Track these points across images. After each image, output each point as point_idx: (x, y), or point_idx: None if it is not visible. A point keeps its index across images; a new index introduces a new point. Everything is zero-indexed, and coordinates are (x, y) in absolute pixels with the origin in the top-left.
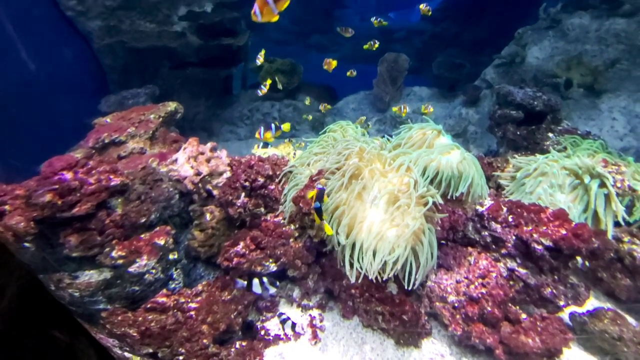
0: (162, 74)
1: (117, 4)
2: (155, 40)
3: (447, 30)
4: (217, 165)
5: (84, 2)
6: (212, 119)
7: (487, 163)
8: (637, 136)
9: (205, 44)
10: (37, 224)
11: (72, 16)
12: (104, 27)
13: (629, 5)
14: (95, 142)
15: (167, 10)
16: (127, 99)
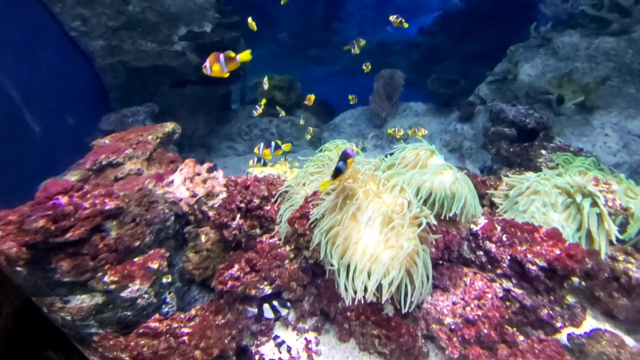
0: (162, 91)
1: (120, 24)
2: (156, 60)
3: (443, 43)
4: (213, 186)
5: (87, 22)
6: (211, 135)
7: (481, 181)
8: (630, 152)
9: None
10: (29, 249)
11: (75, 36)
12: (106, 46)
13: (616, 25)
14: (92, 164)
15: (168, 30)
16: (127, 117)
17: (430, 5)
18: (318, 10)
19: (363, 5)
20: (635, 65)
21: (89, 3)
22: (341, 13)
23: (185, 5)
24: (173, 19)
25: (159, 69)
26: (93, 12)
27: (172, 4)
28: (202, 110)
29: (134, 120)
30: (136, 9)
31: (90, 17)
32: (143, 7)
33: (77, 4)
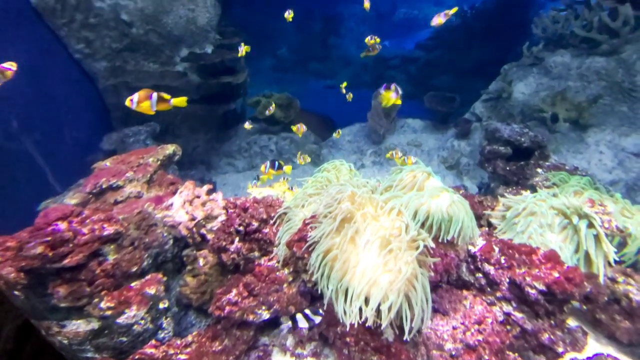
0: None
1: (123, 46)
2: (158, 80)
3: (440, 58)
4: (212, 208)
5: (92, 45)
6: (211, 152)
7: (478, 201)
8: (625, 169)
9: (205, 82)
10: (27, 274)
11: (80, 58)
12: (109, 67)
13: (606, 45)
14: (93, 188)
15: (170, 51)
16: (128, 136)
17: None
18: (317, 26)
19: (361, 21)
20: (626, 85)
21: (93, 26)
22: (340, 28)
23: (187, 28)
24: (175, 41)
25: (160, 88)
26: (97, 35)
27: (174, 27)
28: (203, 128)
29: (135, 140)
30: (139, 32)
31: (94, 40)
32: (146, 29)
33: (82, 27)
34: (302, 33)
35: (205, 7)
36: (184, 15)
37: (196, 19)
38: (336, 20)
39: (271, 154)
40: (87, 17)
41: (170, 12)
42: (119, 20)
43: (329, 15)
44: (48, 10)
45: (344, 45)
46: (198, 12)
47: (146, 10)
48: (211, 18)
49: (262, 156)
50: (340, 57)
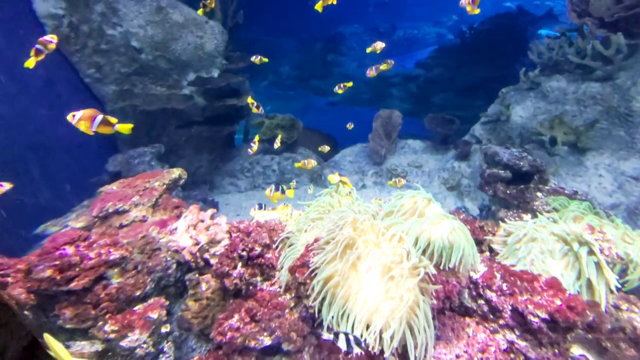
0: (168, 132)
1: (132, 71)
2: (165, 103)
3: (439, 76)
4: (216, 232)
5: (102, 70)
6: (214, 172)
7: (479, 227)
8: (626, 193)
9: (210, 104)
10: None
11: (89, 82)
12: (118, 91)
13: (600, 72)
14: (99, 212)
15: (177, 76)
16: (133, 157)
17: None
18: (318, 45)
19: (362, 41)
20: (622, 110)
21: (104, 52)
22: (341, 47)
23: (195, 54)
24: (183, 65)
25: (166, 111)
26: (108, 60)
27: (182, 53)
28: (206, 149)
29: (140, 161)
30: (148, 57)
31: (104, 65)
32: (155, 55)
33: (93, 53)
34: (304, 51)
35: (213, 34)
36: (192, 42)
37: (204, 45)
38: (337, 39)
39: (274, 174)
40: (99, 43)
41: (179, 39)
42: (129, 47)
43: (331, 34)
44: (62, 37)
45: (345, 63)
46: (206, 38)
47: (156, 38)
48: (218, 44)
49: (264, 176)
50: (341, 75)
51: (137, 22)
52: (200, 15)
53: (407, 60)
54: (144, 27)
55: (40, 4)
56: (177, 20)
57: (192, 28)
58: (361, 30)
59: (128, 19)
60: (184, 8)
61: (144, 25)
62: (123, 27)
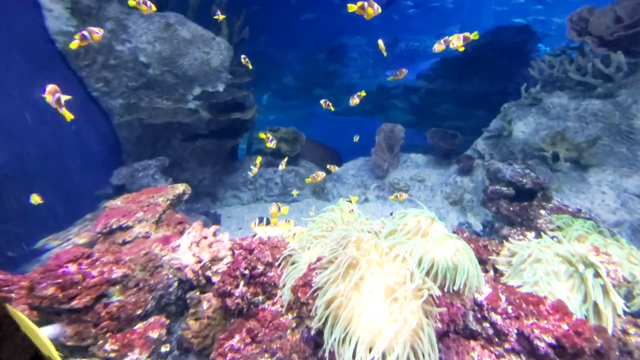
0: (173, 145)
1: (139, 85)
2: (171, 117)
3: (441, 88)
4: (219, 250)
5: (110, 84)
6: (217, 185)
7: (483, 245)
8: (630, 210)
9: (215, 118)
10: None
11: (97, 96)
12: (125, 104)
13: (601, 89)
14: (103, 227)
15: (184, 90)
16: (137, 171)
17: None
18: (321, 56)
19: (364, 52)
20: (624, 127)
21: (113, 67)
22: (344, 58)
23: (201, 69)
24: (189, 80)
25: (171, 124)
26: (116, 75)
27: (189, 68)
28: (210, 161)
29: (144, 175)
30: (156, 72)
31: (112, 79)
32: (162, 70)
33: (102, 68)
34: (307, 63)
35: (219, 50)
36: (199, 58)
37: (210, 60)
38: (340, 50)
39: (276, 186)
40: (108, 59)
41: (186, 55)
42: (137, 62)
43: (333, 46)
44: (72, 53)
45: (347, 74)
46: (212, 54)
47: (163, 53)
48: (224, 60)
49: (267, 189)
50: (343, 85)
51: (145, 38)
52: (207, 32)
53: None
54: (152, 43)
55: (53, 21)
56: (185, 37)
57: (199, 44)
58: (363, 42)
59: (137, 35)
60: (191, 25)
61: (152, 42)
62: (132, 43)
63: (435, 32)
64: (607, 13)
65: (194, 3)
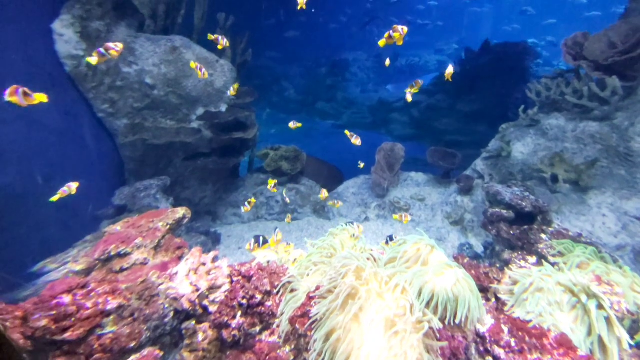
0: (175, 163)
1: (144, 105)
2: (174, 137)
3: (441, 102)
4: (217, 277)
5: (115, 105)
6: (218, 203)
7: (484, 273)
8: (631, 234)
9: (217, 137)
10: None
11: (103, 117)
12: (130, 124)
13: (598, 112)
14: (101, 254)
15: (187, 110)
16: (139, 191)
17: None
18: (323, 71)
19: (365, 67)
20: (622, 149)
21: (119, 89)
22: (345, 73)
23: (205, 90)
24: (193, 101)
25: (174, 143)
26: (122, 96)
27: (193, 89)
28: (211, 179)
29: (146, 195)
30: (160, 93)
31: (118, 100)
32: (167, 92)
33: (109, 89)
34: (309, 77)
35: (223, 72)
36: (202, 79)
37: (214, 82)
38: (342, 65)
39: (277, 205)
40: (115, 80)
41: (190, 77)
42: (143, 84)
43: (335, 60)
44: (80, 76)
45: (349, 88)
46: (216, 76)
47: (168, 75)
48: (227, 81)
49: (268, 207)
50: (345, 99)
51: (152, 61)
52: (211, 55)
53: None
54: (158, 66)
55: (63, 45)
56: (189, 59)
57: (204, 66)
58: (364, 57)
59: (144, 58)
60: (196, 48)
61: (158, 64)
62: (138, 66)
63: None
64: (601, 38)
65: (199, 26)
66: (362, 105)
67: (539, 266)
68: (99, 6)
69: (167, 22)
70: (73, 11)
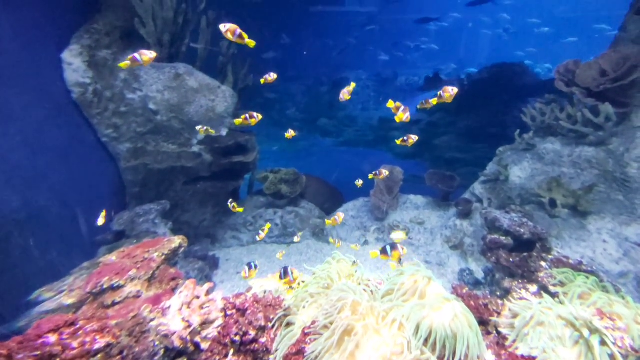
0: (175, 187)
1: (147, 130)
2: (175, 161)
3: (441, 120)
4: (210, 311)
5: (119, 130)
6: (217, 226)
7: (483, 304)
8: (633, 261)
9: (217, 161)
10: None
11: (106, 141)
12: (132, 149)
13: (593, 137)
14: (94, 287)
15: (188, 134)
16: (139, 216)
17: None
18: (324, 89)
19: (365, 86)
20: (618, 175)
21: (123, 114)
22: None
23: (206, 115)
24: (194, 125)
25: (175, 169)
26: (125, 121)
27: (195, 115)
28: (211, 202)
29: (145, 220)
30: (163, 118)
31: (122, 125)
32: (169, 117)
33: (113, 115)
34: (310, 95)
35: (224, 98)
36: (204, 105)
37: (215, 107)
38: (342, 84)
39: (276, 227)
40: (119, 106)
41: (193, 103)
42: (147, 109)
43: (336, 79)
44: (86, 102)
45: (349, 106)
46: (218, 102)
47: (172, 101)
48: (228, 107)
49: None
50: (346, 117)
51: (155, 87)
52: (213, 81)
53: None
54: (161, 92)
55: (71, 73)
56: (192, 86)
57: (206, 92)
58: (365, 76)
59: (148, 84)
60: (199, 75)
61: (162, 90)
62: (143, 92)
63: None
64: (592, 66)
65: (202, 54)
66: (363, 123)
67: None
68: (107, 35)
69: (172, 50)
70: (82, 41)
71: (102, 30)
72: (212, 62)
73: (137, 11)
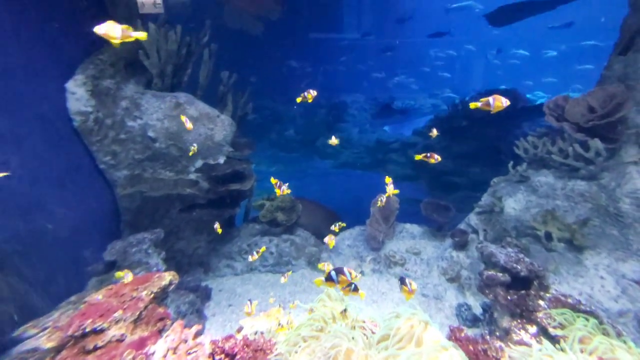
0: (171, 214)
1: (145, 157)
2: (171, 189)
3: (436, 144)
4: (197, 357)
5: (117, 157)
6: (211, 254)
7: (482, 350)
8: (631, 299)
9: (214, 188)
10: None
11: (104, 168)
12: (129, 175)
13: (584, 171)
14: (75, 330)
15: (186, 162)
16: (132, 245)
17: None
18: (322, 112)
19: (362, 109)
20: (612, 209)
21: (122, 141)
22: (343, 115)
23: (204, 143)
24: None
25: (172, 196)
26: (124, 148)
27: (193, 142)
28: (206, 230)
29: (138, 250)
30: (162, 146)
31: (120, 152)
32: (168, 144)
33: (112, 142)
34: (308, 117)
35: (222, 126)
36: (203, 133)
37: (213, 136)
38: (340, 107)
39: (271, 256)
40: (119, 134)
41: (192, 131)
42: (145, 137)
43: (334, 102)
44: (87, 130)
45: (347, 129)
46: (216, 130)
47: (171, 129)
48: (227, 135)
49: (262, 258)
50: (343, 139)
51: (156, 116)
52: (213, 110)
53: (405, 128)
54: (161, 120)
55: (74, 102)
56: (192, 115)
57: (205, 121)
58: (362, 99)
59: (148, 112)
60: (199, 104)
61: (161, 119)
62: (143, 120)
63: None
64: (580, 102)
65: (203, 83)
66: (360, 145)
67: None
68: (112, 66)
69: (174, 80)
70: (87, 71)
71: (107, 60)
72: (212, 91)
73: (142, 43)
